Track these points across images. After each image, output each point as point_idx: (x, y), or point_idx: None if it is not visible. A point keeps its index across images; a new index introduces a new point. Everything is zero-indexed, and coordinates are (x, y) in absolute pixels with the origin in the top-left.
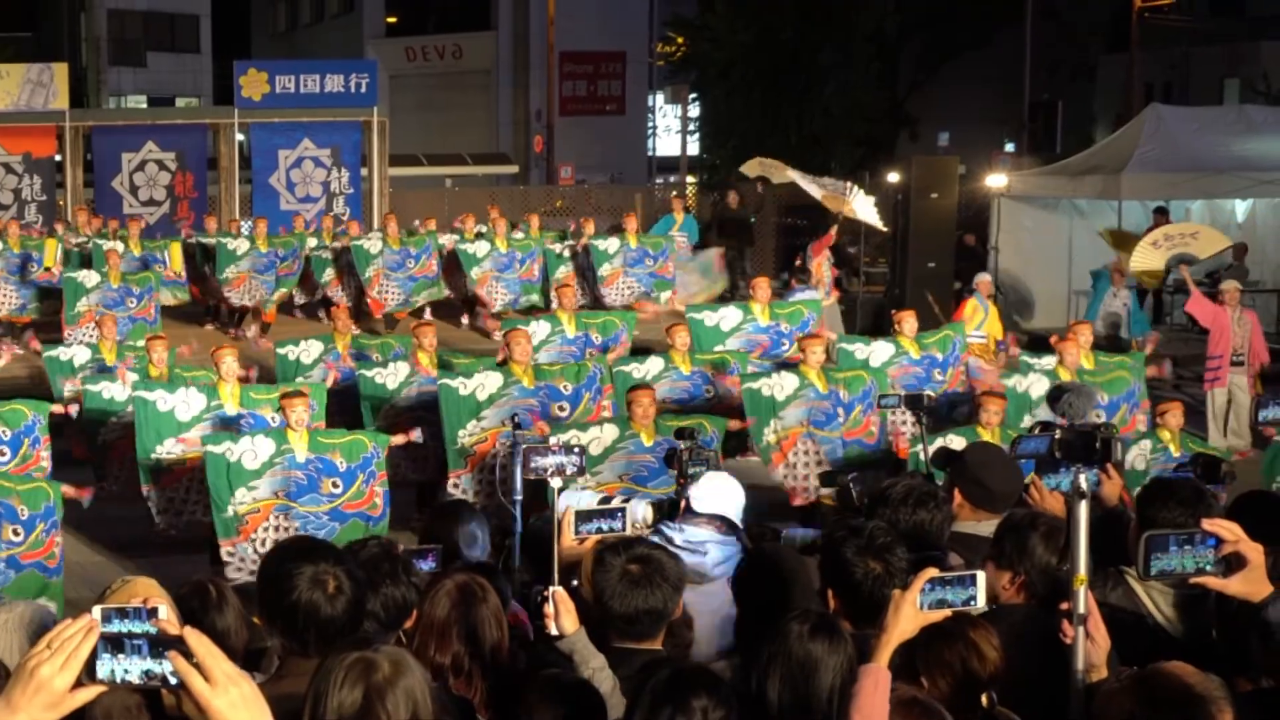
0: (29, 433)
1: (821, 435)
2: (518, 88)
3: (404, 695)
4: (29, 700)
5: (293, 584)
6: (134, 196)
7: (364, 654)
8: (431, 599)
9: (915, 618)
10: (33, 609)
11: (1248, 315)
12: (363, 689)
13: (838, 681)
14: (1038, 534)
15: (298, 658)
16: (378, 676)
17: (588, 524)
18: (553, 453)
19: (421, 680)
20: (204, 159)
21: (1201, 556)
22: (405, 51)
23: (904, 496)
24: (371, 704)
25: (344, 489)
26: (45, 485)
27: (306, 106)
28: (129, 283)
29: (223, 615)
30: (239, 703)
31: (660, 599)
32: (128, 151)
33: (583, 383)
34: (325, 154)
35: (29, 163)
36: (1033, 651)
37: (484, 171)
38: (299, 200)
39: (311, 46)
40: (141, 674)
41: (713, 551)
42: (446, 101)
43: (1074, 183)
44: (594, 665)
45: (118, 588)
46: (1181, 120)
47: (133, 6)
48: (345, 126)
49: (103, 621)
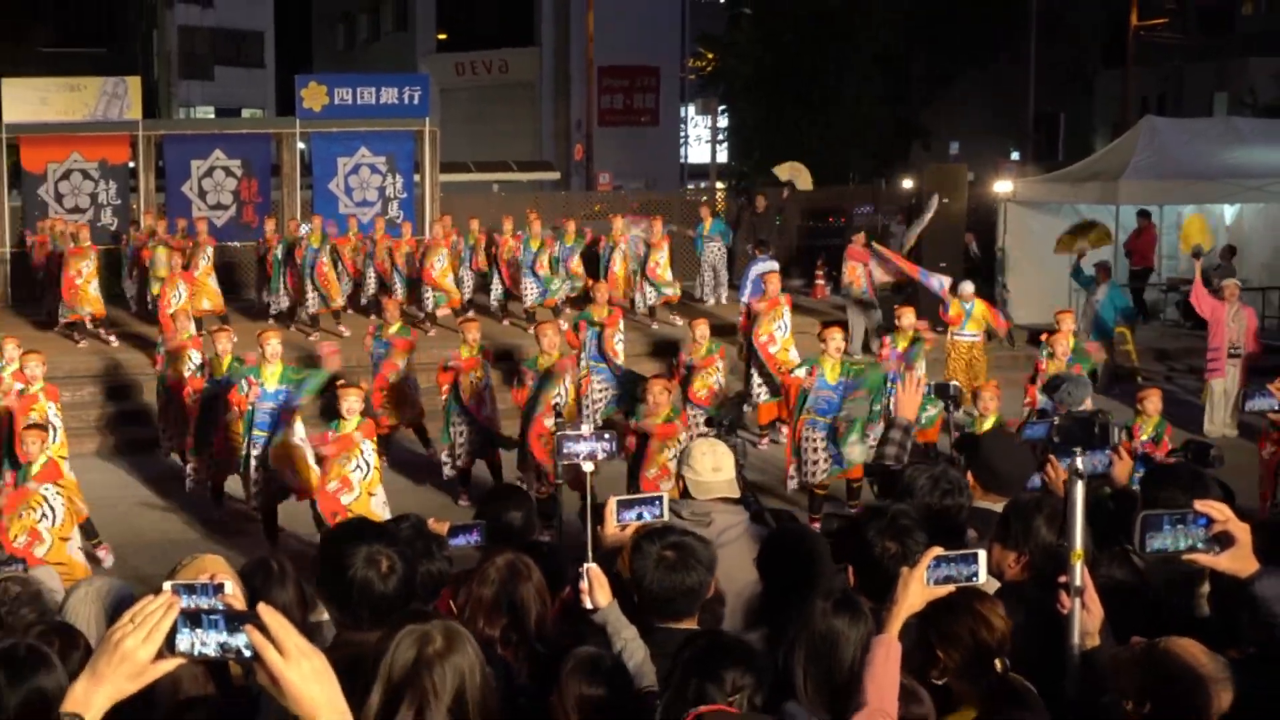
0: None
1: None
2: (559, 100)
3: (452, 670)
4: (114, 670)
5: (349, 563)
6: (202, 201)
7: (424, 627)
8: (480, 576)
9: (922, 593)
10: (111, 584)
11: (1244, 310)
12: (414, 657)
13: (859, 654)
14: (1041, 516)
15: (351, 631)
16: (430, 650)
17: (628, 511)
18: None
19: (474, 658)
20: (268, 166)
21: (1193, 535)
22: (455, 66)
23: (930, 485)
24: (420, 673)
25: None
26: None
27: (363, 117)
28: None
29: (283, 590)
30: (310, 675)
31: (694, 580)
32: (197, 159)
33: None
34: (381, 161)
35: (105, 169)
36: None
37: (528, 178)
38: (356, 204)
39: (368, 62)
40: (218, 647)
41: (717, 520)
42: (493, 113)
43: (1075, 189)
44: (626, 636)
45: (186, 564)
46: (1174, 131)
47: (202, 24)
48: (399, 136)
49: (178, 596)
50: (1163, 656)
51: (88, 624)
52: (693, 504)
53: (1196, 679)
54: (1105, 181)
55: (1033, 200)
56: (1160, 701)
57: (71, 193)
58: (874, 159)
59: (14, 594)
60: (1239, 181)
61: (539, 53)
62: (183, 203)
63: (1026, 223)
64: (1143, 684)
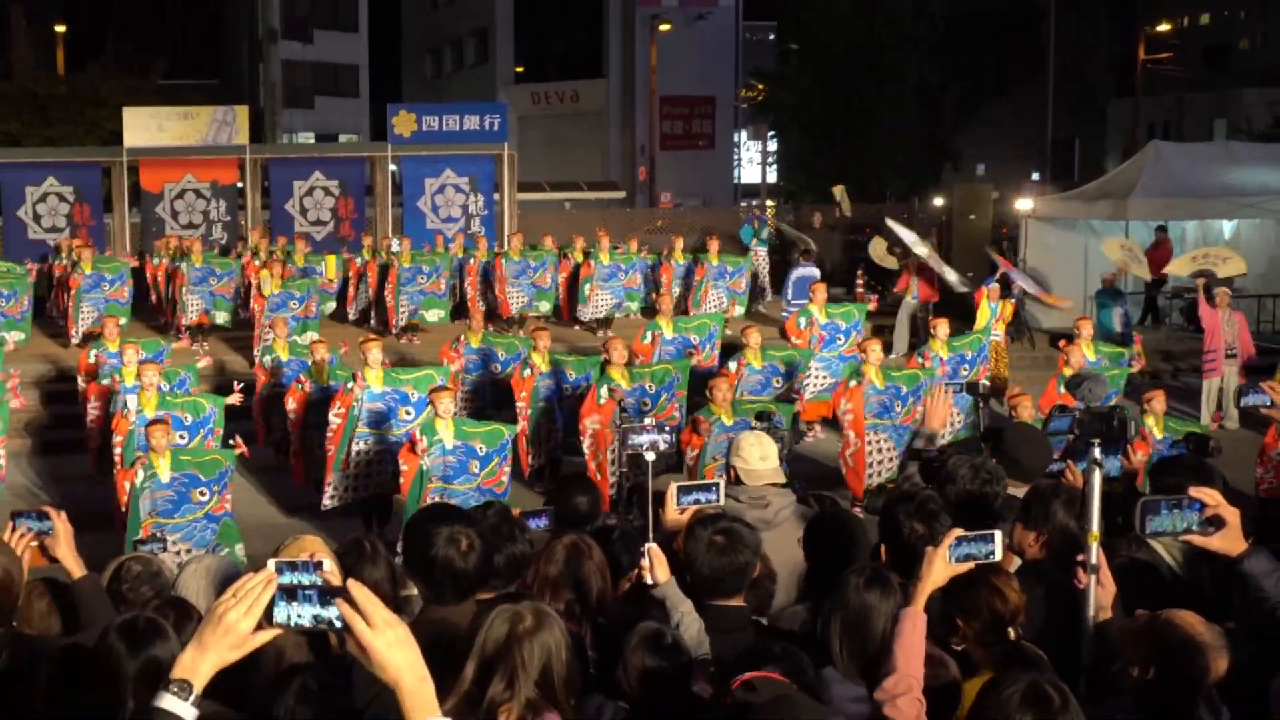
0: (205, 424)
1: (881, 424)
2: (625, 126)
3: (539, 646)
4: (218, 640)
5: (432, 542)
6: (303, 217)
7: (516, 607)
8: (547, 556)
9: (945, 569)
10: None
11: (1235, 316)
12: (506, 633)
13: (889, 625)
14: (1059, 501)
15: (435, 605)
16: (521, 627)
17: (687, 496)
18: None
19: (559, 636)
20: (362, 186)
21: (1188, 518)
22: (531, 96)
23: (971, 474)
24: (511, 648)
25: (481, 469)
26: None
27: (448, 142)
28: (291, 288)
29: (375, 568)
30: (395, 643)
31: (742, 561)
32: (298, 180)
33: (664, 385)
34: (464, 182)
35: (216, 189)
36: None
37: (596, 196)
38: (442, 221)
39: (452, 92)
40: (312, 618)
41: (774, 502)
42: (565, 138)
43: (1089, 206)
44: (683, 610)
45: (290, 544)
46: (1178, 154)
47: (303, 58)
48: (481, 159)
49: (277, 573)
50: (1165, 627)
51: (198, 598)
52: (749, 489)
53: (1196, 647)
54: (1116, 200)
55: (1051, 216)
56: (1163, 668)
57: (186, 210)
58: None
59: (135, 572)
60: (1236, 199)
61: (607, 84)
62: (285, 219)
63: (1045, 236)
64: (1147, 652)
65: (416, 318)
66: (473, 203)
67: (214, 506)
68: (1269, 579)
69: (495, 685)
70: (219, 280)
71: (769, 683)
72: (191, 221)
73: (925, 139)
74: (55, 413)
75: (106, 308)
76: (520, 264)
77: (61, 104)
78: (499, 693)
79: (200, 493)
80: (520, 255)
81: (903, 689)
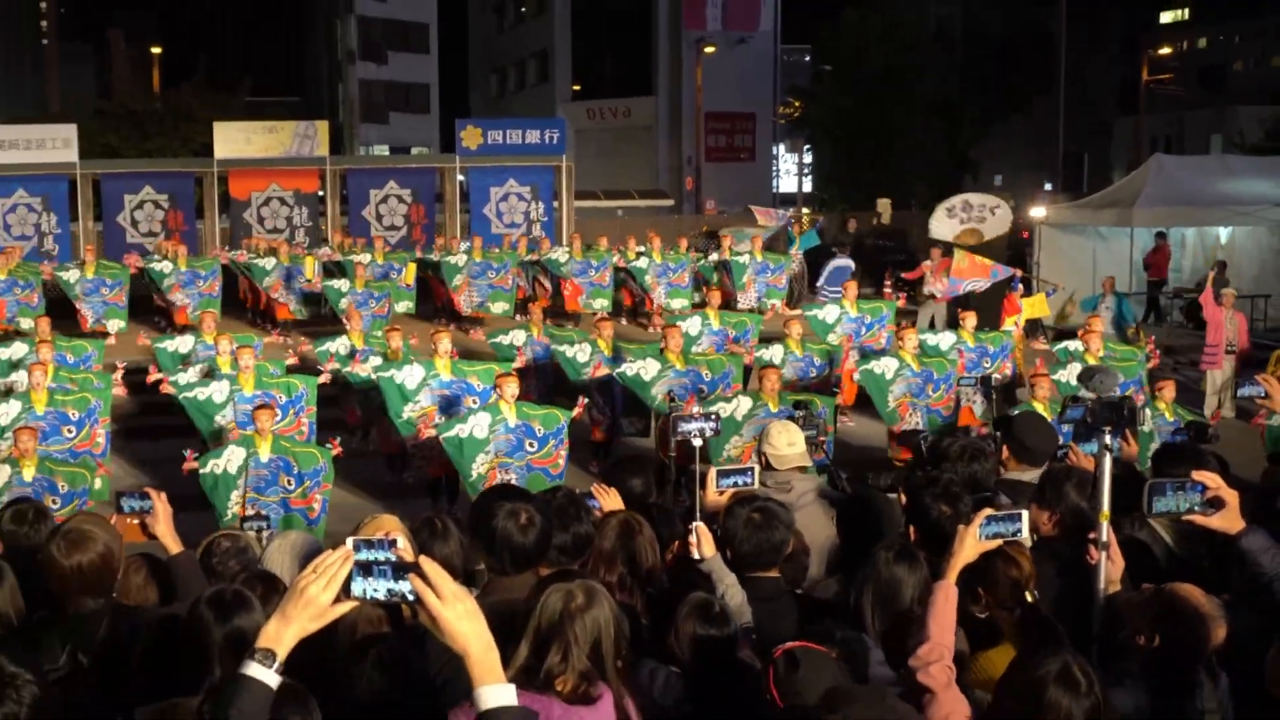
0: (296, 402)
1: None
2: (673, 140)
3: (590, 622)
4: (300, 612)
5: (493, 515)
6: (379, 223)
7: (569, 585)
8: (600, 532)
9: (975, 546)
10: (301, 538)
11: (1237, 315)
12: (560, 610)
13: (916, 595)
14: (1071, 483)
15: (500, 577)
16: (573, 604)
17: (726, 479)
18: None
19: (609, 612)
20: (433, 194)
21: (1191, 499)
22: (587, 111)
23: (960, 452)
24: (564, 623)
25: (538, 449)
26: (317, 452)
27: (511, 154)
28: (371, 288)
29: (446, 544)
30: (463, 615)
31: (778, 538)
32: (374, 188)
33: (719, 375)
34: (526, 190)
35: (298, 197)
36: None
37: (647, 204)
38: (505, 226)
39: (515, 108)
40: (386, 592)
41: (796, 485)
42: (618, 150)
43: (1096, 214)
44: (727, 583)
45: (367, 523)
46: (1179, 167)
47: (378, 77)
48: (541, 169)
49: (355, 550)
50: (1169, 599)
51: (282, 572)
52: (775, 475)
53: (1198, 617)
54: (1121, 209)
55: (1061, 224)
56: (1167, 636)
57: (270, 216)
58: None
59: (224, 548)
60: (1232, 208)
61: (656, 101)
62: (362, 224)
63: (1057, 242)
64: (1153, 622)
65: (482, 309)
66: (534, 209)
67: (295, 499)
68: (1265, 555)
69: (551, 657)
70: (303, 278)
71: (809, 653)
72: (276, 226)
73: (946, 152)
74: (142, 400)
75: (200, 302)
76: (582, 264)
77: (157, 119)
78: (555, 664)
79: (288, 480)
80: (582, 256)
81: (935, 656)
